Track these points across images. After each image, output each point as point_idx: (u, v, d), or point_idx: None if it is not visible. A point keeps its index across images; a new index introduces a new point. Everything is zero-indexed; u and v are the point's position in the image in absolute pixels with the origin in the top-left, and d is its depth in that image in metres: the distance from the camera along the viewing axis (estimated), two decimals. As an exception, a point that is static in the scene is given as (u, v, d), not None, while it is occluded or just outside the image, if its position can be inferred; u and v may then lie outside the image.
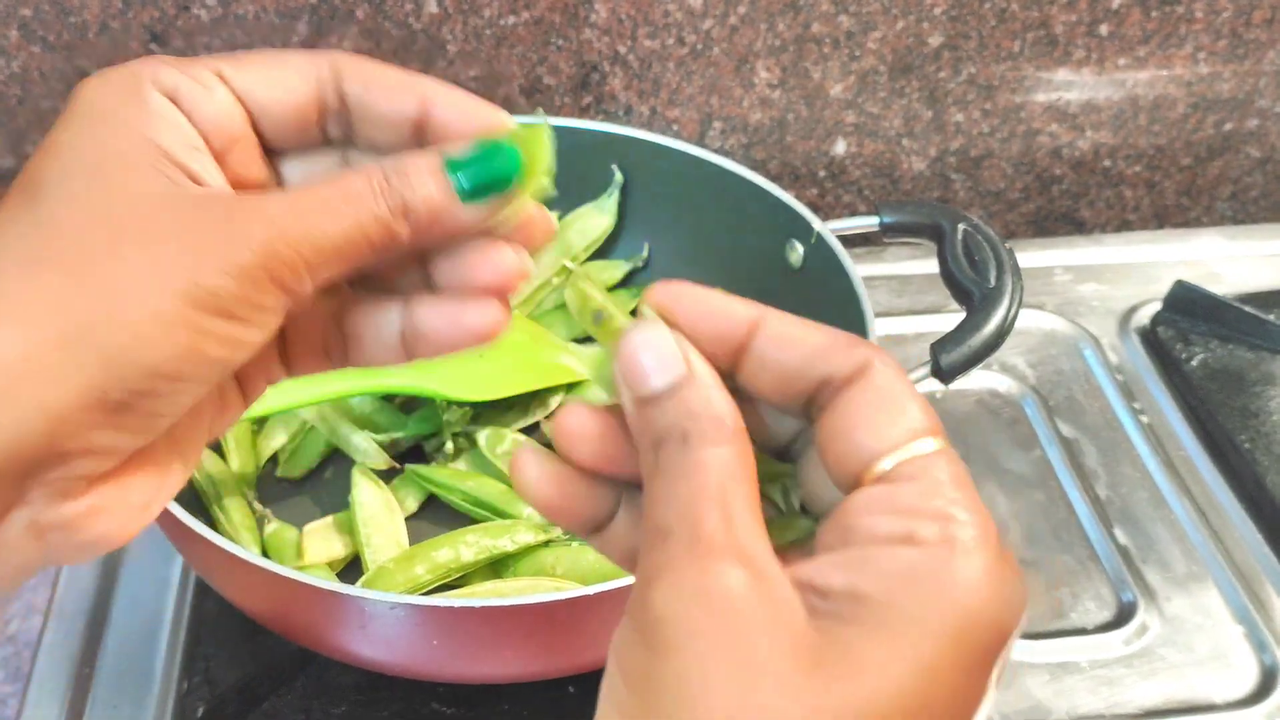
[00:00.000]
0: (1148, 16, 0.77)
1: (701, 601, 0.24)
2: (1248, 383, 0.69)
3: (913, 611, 0.24)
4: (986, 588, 0.24)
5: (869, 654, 0.23)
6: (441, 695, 0.54)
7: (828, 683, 0.23)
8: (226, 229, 0.27)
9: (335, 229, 0.28)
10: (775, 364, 0.27)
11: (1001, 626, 0.24)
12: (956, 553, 0.24)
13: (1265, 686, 0.56)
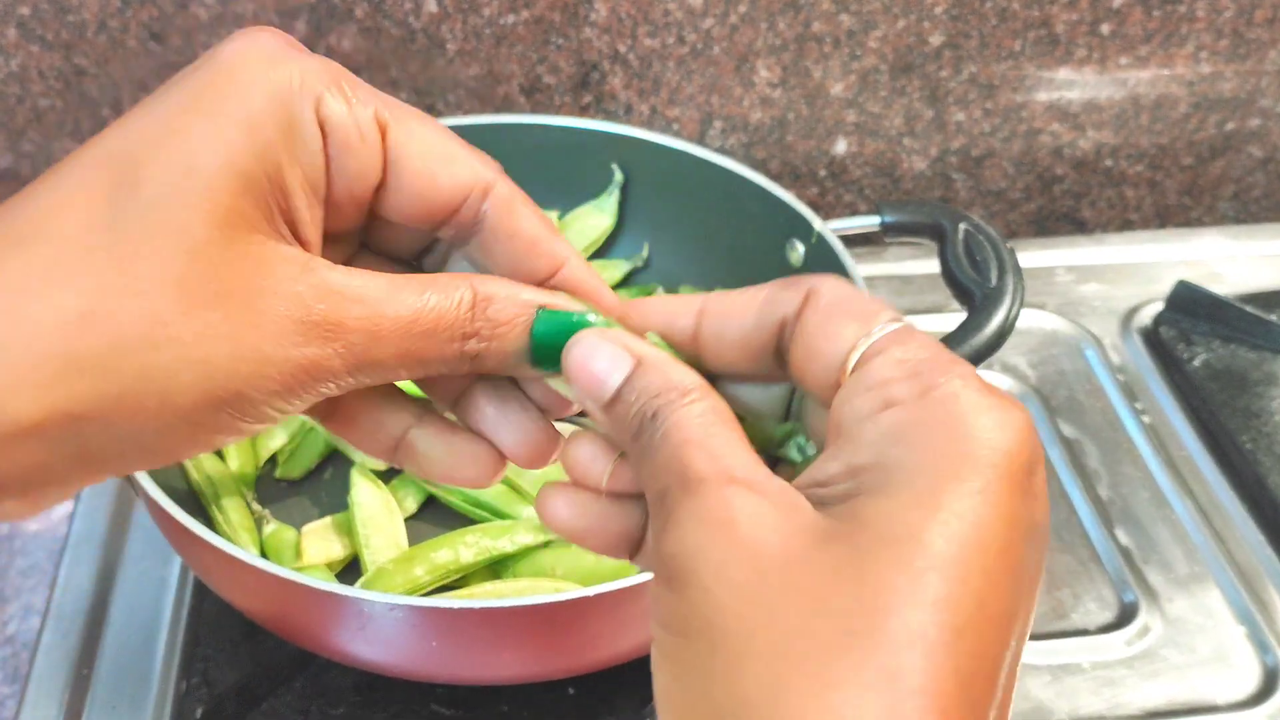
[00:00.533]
0: (1149, 16, 0.77)
1: (705, 527, 0.24)
2: (1250, 383, 0.69)
3: (907, 463, 0.24)
4: (970, 419, 0.24)
5: (878, 513, 0.23)
6: (440, 696, 0.54)
7: (843, 550, 0.23)
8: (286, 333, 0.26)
9: (400, 350, 0.27)
10: (731, 334, 0.28)
11: (1002, 447, 0.24)
12: (932, 399, 0.24)
13: (1267, 687, 0.56)
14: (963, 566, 0.23)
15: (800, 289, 0.27)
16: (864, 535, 0.23)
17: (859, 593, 0.22)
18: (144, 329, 0.25)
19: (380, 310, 0.27)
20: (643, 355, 0.27)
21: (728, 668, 0.23)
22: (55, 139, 0.73)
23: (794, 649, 0.22)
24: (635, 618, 0.47)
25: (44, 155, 0.74)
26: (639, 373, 0.27)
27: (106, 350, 0.24)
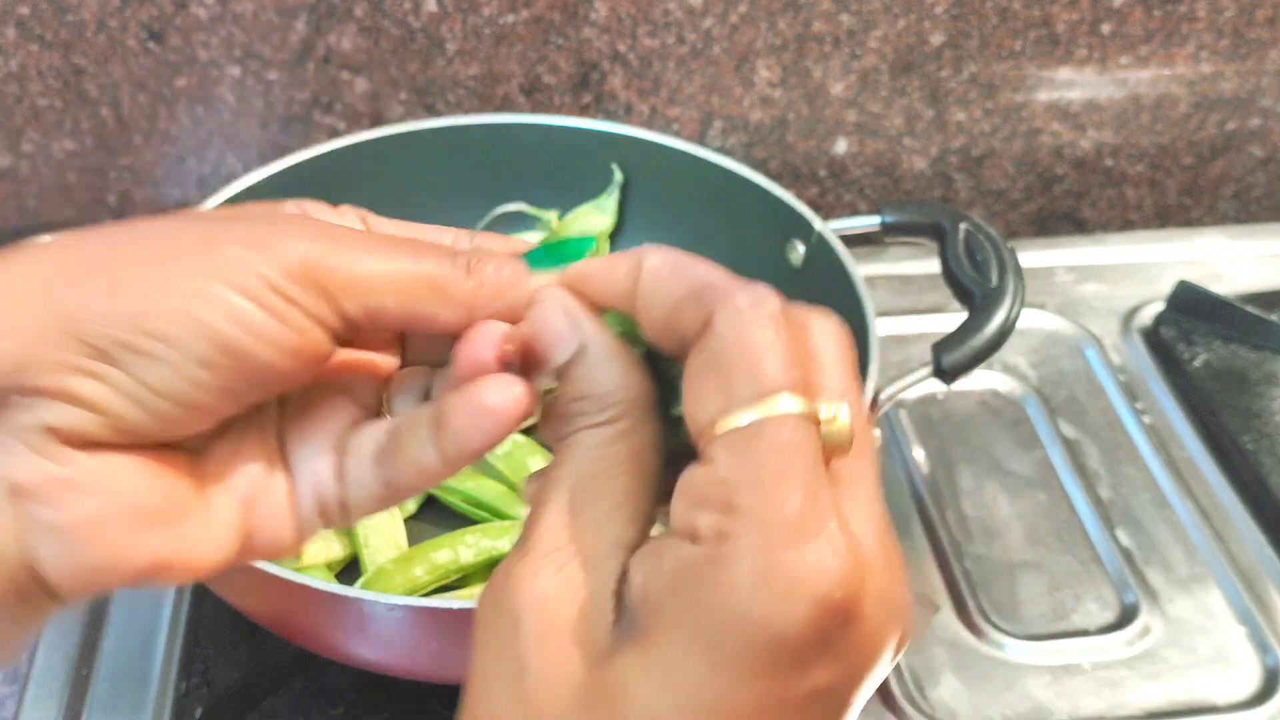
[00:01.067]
0: (1150, 15, 0.77)
1: (523, 581, 0.25)
2: (1250, 383, 0.69)
3: (671, 617, 0.23)
4: (748, 591, 0.22)
5: (630, 671, 0.23)
6: (440, 696, 0.54)
7: (594, 685, 0.23)
8: (272, 236, 0.26)
9: (391, 266, 0.27)
10: (656, 311, 0.26)
11: (771, 631, 0.22)
12: (723, 553, 0.22)
13: (1268, 688, 0.56)
14: None
15: (701, 311, 0.25)
16: (613, 708, 0.23)
17: None
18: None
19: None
20: (586, 341, 0.27)
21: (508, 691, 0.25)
22: (54, 138, 0.73)
23: None
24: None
25: (43, 155, 0.74)
26: (577, 359, 0.27)
27: None
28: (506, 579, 0.25)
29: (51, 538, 0.25)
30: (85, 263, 0.25)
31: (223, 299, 0.25)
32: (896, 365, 0.71)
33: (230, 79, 0.72)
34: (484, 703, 0.26)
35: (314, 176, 0.63)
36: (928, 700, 0.55)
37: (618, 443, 0.26)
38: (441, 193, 0.67)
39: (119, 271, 0.25)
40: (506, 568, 0.26)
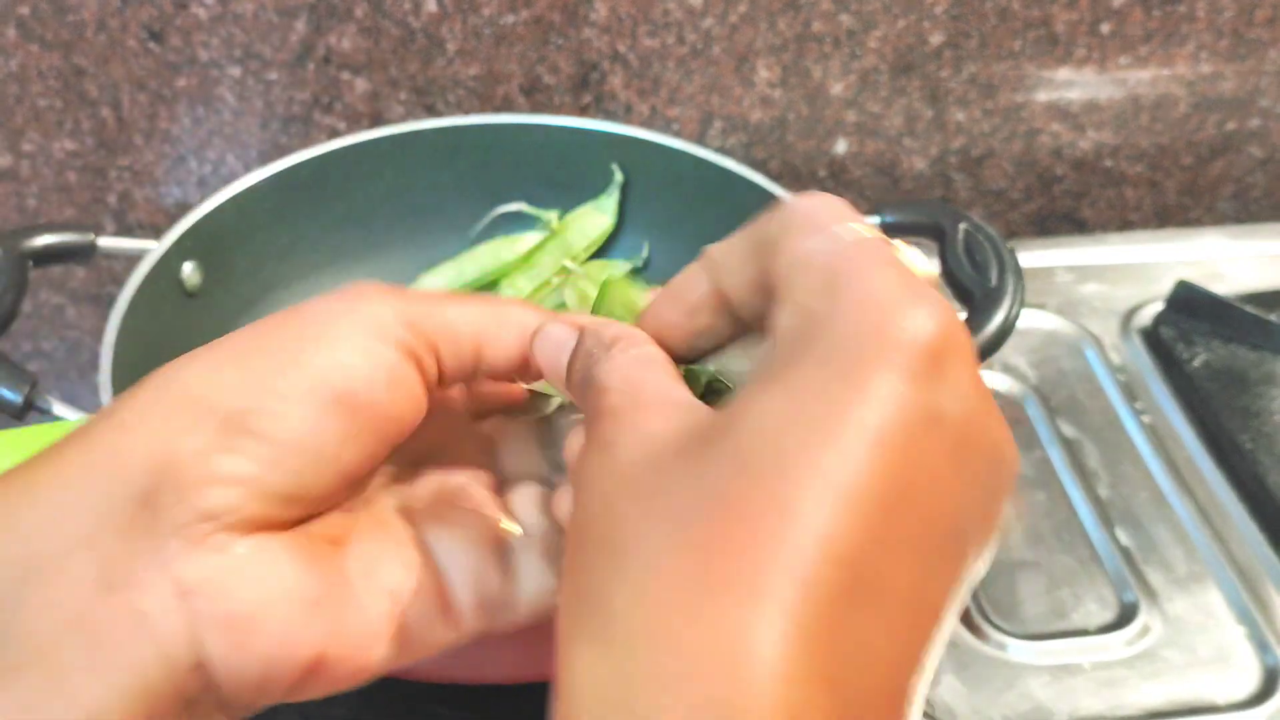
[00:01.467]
0: (1149, 15, 0.77)
1: (592, 445, 0.25)
2: (1250, 383, 0.69)
3: (805, 350, 0.23)
4: (882, 297, 0.23)
5: (760, 410, 0.23)
6: (443, 697, 0.54)
7: (712, 457, 0.22)
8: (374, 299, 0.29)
9: (473, 308, 0.30)
10: (736, 279, 0.30)
11: (908, 329, 0.23)
12: (854, 290, 0.24)
13: (1268, 687, 0.56)
14: (847, 477, 0.21)
15: (778, 214, 0.28)
16: (739, 438, 0.22)
17: (719, 514, 0.21)
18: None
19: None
20: (583, 324, 0.29)
21: (603, 578, 0.23)
22: (54, 138, 0.73)
23: (659, 565, 0.21)
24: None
25: (43, 155, 0.74)
26: (580, 341, 0.28)
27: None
28: (598, 425, 0.26)
29: (220, 630, 0.25)
30: (216, 351, 0.27)
31: (334, 350, 0.27)
32: (896, 365, 0.71)
33: (230, 79, 0.72)
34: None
35: (314, 177, 0.63)
36: (927, 700, 0.55)
37: (642, 350, 0.28)
38: (441, 193, 0.67)
39: (246, 352, 0.27)
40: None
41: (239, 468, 0.26)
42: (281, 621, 0.26)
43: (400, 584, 0.29)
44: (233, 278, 0.62)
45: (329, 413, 0.27)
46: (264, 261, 0.63)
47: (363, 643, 0.28)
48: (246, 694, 0.26)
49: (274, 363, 0.27)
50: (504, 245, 0.68)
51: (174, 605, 0.25)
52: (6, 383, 0.50)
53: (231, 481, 0.26)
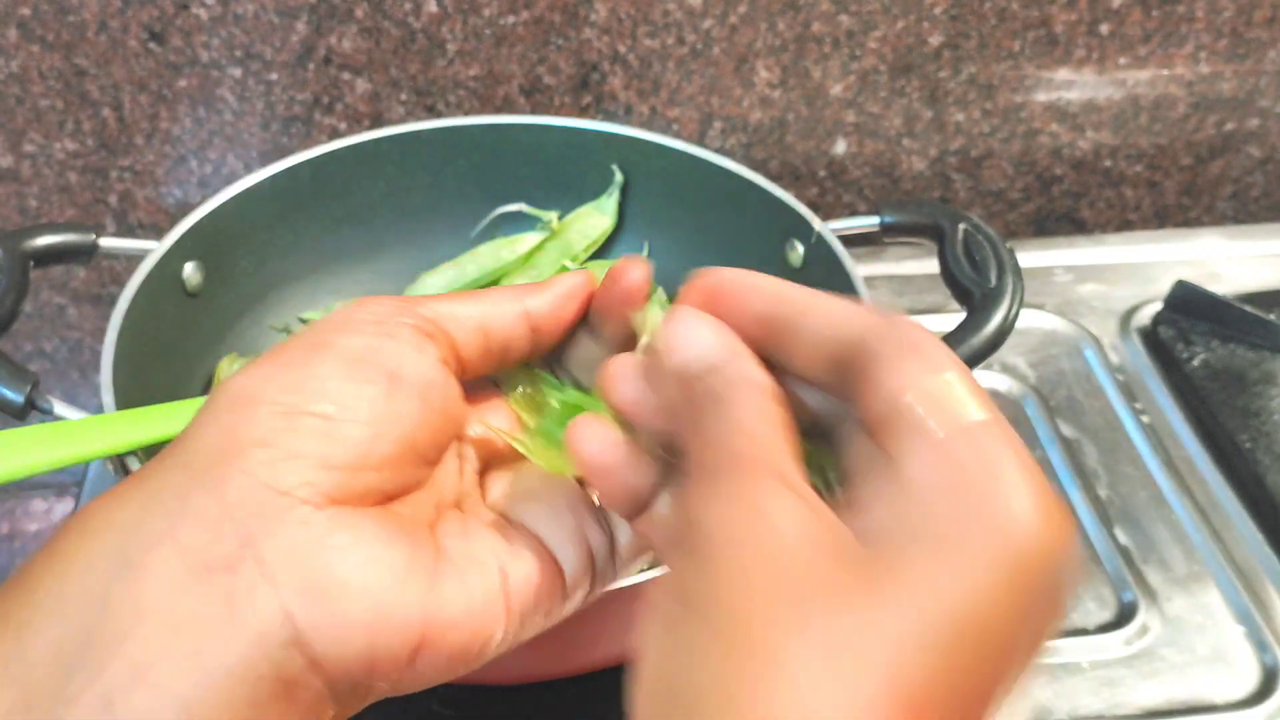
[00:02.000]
0: (1148, 16, 0.77)
1: (741, 507, 0.24)
2: (1249, 382, 0.69)
3: (960, 536, 0.23)
4: (1034, 515, 0.24)
5: (919, 569, 0.23)
6: (442, 697, 0.54)
7: (874, 593, 0.23)
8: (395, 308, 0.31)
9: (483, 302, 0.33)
10: (807, 333, 0.28)
11: (1051, 554, 0.24)
12: (1001, 480, 0.24)
13: (1266, 687, 0.56)
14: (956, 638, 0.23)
15: (886, 320, 0.27)
16: (904, 594, 0.23)
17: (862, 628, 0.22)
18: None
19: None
20: (735, 348, 0.28)
21: (718, 648, 0.23)
22: (55, 139, 0.73)
23: (784, 653, 0.22)
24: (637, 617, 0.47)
25: (44, 155, 0.74)
26: (725, 359, 0.28)
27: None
28: (725, 489, 0.25)
29: (310, 600, 0.26)
30: (260, 363, 0.29)
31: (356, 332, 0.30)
32: (896, 365, 0.71)
33: (231, 80, 0.73)
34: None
35: (315, 177, 0.63)
36: (927, 699, 0.55)
37: (781, 410, 0.27)
38: (442, 193, 0.67)
39: (284, 357, 0.29)
40: (711, 489, 0.26)
41: (299, 444, 0.27)
42: (375, 590, 0.26)
43: (505, 558, 0.30)
44: (234, 278, 0.62)
45: (367, 381, 0.28)
46: (265, 261, 0.63)
47: (474, 619, 0.28)
48: (353, 671, 0.26)
49: (308, 355, 0.29)
50: (504, 245, 0.68)
51: (260, 582, 0.25)
52: (8, 383, 0.50)
53: (295, 455, 0.27)
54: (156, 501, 0.26)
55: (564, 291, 0.33)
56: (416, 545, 0.28)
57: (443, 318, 0.31)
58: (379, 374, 0.29)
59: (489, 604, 0.29)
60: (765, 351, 0.29)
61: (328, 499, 0.27)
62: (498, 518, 0.32)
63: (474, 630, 0.28)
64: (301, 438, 0.27)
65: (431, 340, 0.31)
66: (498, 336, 0.32)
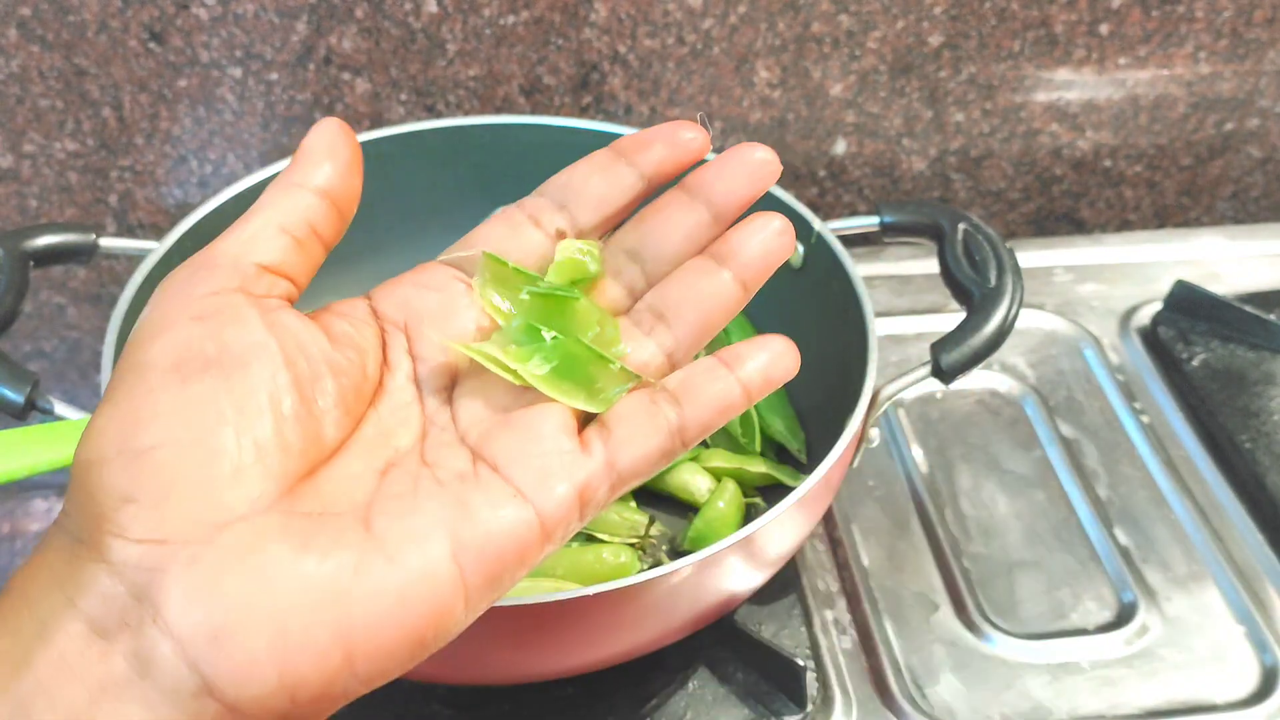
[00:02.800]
0: (1148, 16, 0.77)
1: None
2: (1248, 382, 0.69)
3: None
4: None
5: None
6: (442, 696, 0.54)
7: None
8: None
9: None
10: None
11: None
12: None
13: (1266, 687, 0.56)
14: None
15: None
16: None
17: None
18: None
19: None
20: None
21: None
22: (56, 139, 0.73)
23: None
24: (635, 617, 0.47)
25: (45, 155, 0.74)
26: None
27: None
28: None
29: (207, 644, 0.25)
30: (101, 410, 0.28)
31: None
32: (895, 365, 0.71)
33: (231, 80, 0.73)
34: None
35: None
36: (926, 699, 0.55)
37: None
38: (442, 193, 0.67)
39: (118, 399, 0.28)
40: None
41: (159, 485, 0.26)
42: (272, 619, 0.25)
43: (456, 521, 0.27)
44: (233, 278, 0.62)
45: (196, 383, 0.27)
46: (265, 262, 0.63)
47: (414, 604, 0.26)
48: (275, 705, 0.25)
49: (132, 384, 0.27)
50: (504, 245, 0.68)
51: (160, 638, 0.25)
52: (8, 382, 0.50)
53: (160, 500, 0.25)
54: (55, 574, 0.26)
55: (323, 149, 0.31)
56: (336, 536, 0.26)
57: (237, 258, 0.29)
58: (205, 369, 0.27)
59: (433, 581, 0.27)
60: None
61: (212, 529, 0.25)
62: (467, 457, 0.29)
63: (419, 615, 0.26)
64: (160, 479, 0.26)
65: (243, 293, 0.28)
66: (301, 232, 0.30)
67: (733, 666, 0.55)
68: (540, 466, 0.29)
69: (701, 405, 0.30)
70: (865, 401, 0.52)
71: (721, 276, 0.33)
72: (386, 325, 0.32)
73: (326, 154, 0.31)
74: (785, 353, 0.31)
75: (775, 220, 0.33)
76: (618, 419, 0.30)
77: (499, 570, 0.28)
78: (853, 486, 0.65)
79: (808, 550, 0.61)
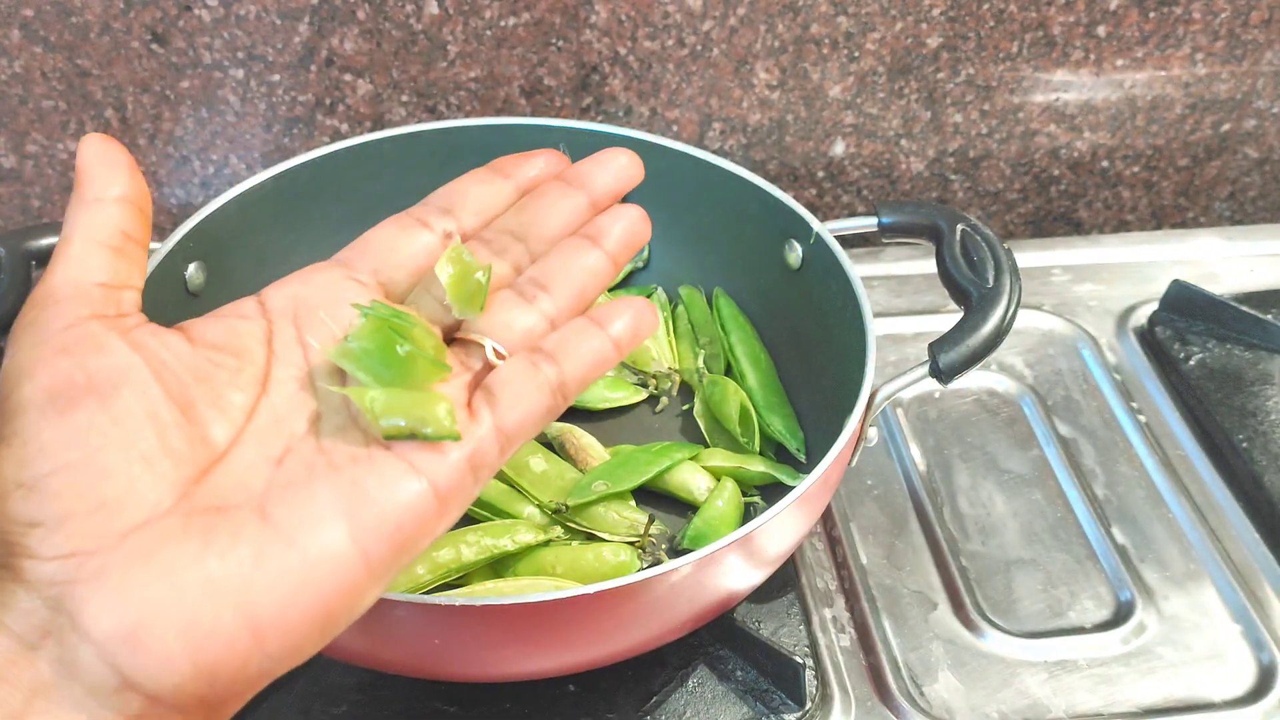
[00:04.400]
0: (1145, 17, 0.77)
1: None
2: (1245, 382, 0.70)
3: None
4: None
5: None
6: (442, 694, 0.54)
7: None
8: None
9: None
10: None
11: None
12: None
13: (1263, 685, 0.56)
14: None
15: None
16: None
17: None
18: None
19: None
20: None
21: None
22: (58, 140, 0.74)
23: None
24: (635, 616, 0.48)
25: (47, 156, 0.74)
26: None
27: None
28: None
29: (122, 644, 0.27)
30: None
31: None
32: (894, 365, 0.71)
33: (233, 81, 0.73)
34: None
35: (316, 178, 0.63)
36: (924, 696, 0.55)
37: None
38: (442, 194, 0.68)
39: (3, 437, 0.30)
40: None
41: (61, 507, 0.27)
42: (179, 612, 0.27)
43: (351, 501, 0.29)
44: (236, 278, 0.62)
45: (73, 410, 0.28)
46: (266, 262, 0.64)
47: (317, 585, 0.28)
48: (195, 692, 0.27)
49: (12, 420, 0.28)
50: (505, 246, 0.68)
51: (78, 643, 0.27)
52: (12, 382, 0.50)
53: (65, 518, 0.27)
54: None
55: (101, 161, 0.32)
56: (234, 529, 0.28)
57: (76, 285, 0.30)
58: (80, 397, 0.28)
59: (334, 563, 0.28)
60: None
61: (115, 538, 0.27)
62: (360, 438, 0.31)
63: (324, 595, 0.28)
64: (60, 502, 0.27)
65: (98, 320, 0.30)
66: (119, 241, 0.32)
67: (732, 664, 0.55)
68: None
69: (578, 361, 0.33)
70: (864, 401, 0.52)
71: (595, 253, 0.37)
72: (275, 319, 0.34)
73: (107, 165, 0.32)
74: (647, 310, 0.35)
75: (634, 209, 0.39)
76: (501, 383, 0.33)
77: (400, 545, 0.29)
78: (851, 485, 0.65)
79: (807, 549, 0.62)
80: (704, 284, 0.70)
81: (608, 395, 0.66)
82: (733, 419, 0.62)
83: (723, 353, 0.67)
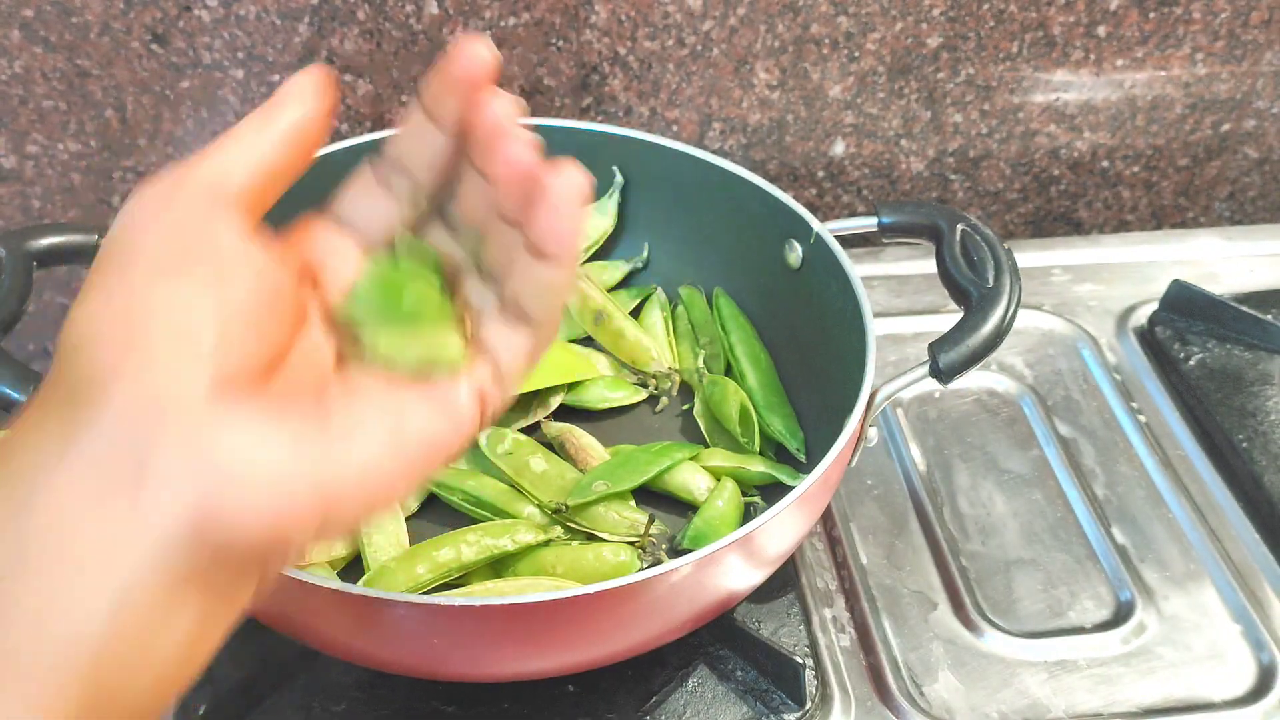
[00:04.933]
0: (1145, 18, 0.77)
1: None
2: (1245, 382, 0.70)
3: None
4: None
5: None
6: (442, 694, 0.54)
7: None
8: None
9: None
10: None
11: None
12: None
13: (1262, 685, 0.56)
14: None
15: None
16: None
17: None
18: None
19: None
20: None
21: None
22: (59, 140, 0.74)
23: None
24: (635, 615, 0.48)
25: (48, 156, 0.74)
26: None
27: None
28: None
29: (210, 494, 0.27)
30: (89, 295, 0.30)
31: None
32: (894, 365, 0.71)
33: (233, 81, 0.73)
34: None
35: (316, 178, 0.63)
36: (924, 696, 0.55)
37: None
38: (443, 194, 0.68)
39: (109, 287, 0.30)
40: None
41: (160, 354, 0.28)
42: (270, 473, 0.27)
43: (392, 417, 0.31)
44: (236, 278, 0.62)
45: (188, 275, 0.29)
46: (267, 262, 0.64)
47: (369, 479, 0.30)
48: (261, 549, 0.28)
49: (124, 272, 0.29)
50: (505, 246, 0.68)
51: (161, 487, 0.26)
52: (11, 382, 0.50)
53: (164, 362, 0.28)
54: (49, 433, 0.27)
55: (302, 92, 0.34)
56: (304, 417, 0.29)
57: (215, 181, 0.32)
58: (190, 268, 0.29)
59: (382, 463, 0.30)
60: None
61: (201, 399, 0.28)
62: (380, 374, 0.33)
63: (373, 489, 0.30)
64: (154, 358, 0.27)
65: (223, 206, 0.31)
66: (272, 172, 0.33)
67: (732, 664, 0.55)
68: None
69: (536, 300, 0.35)
70: (864, 401, 0.52)
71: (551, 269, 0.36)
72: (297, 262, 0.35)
73: (303, 97, 0.34)
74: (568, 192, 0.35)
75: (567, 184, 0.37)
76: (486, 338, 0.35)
77: (425, 462, 0.32)
78: (851, 485, 0.65)
79: (807, 549, 0.62)
80: (704, 284, 0.70)
81: (608, 395, 0.66)
82: (733, 419, 0.62)
83: (723, 353, 0.67)
